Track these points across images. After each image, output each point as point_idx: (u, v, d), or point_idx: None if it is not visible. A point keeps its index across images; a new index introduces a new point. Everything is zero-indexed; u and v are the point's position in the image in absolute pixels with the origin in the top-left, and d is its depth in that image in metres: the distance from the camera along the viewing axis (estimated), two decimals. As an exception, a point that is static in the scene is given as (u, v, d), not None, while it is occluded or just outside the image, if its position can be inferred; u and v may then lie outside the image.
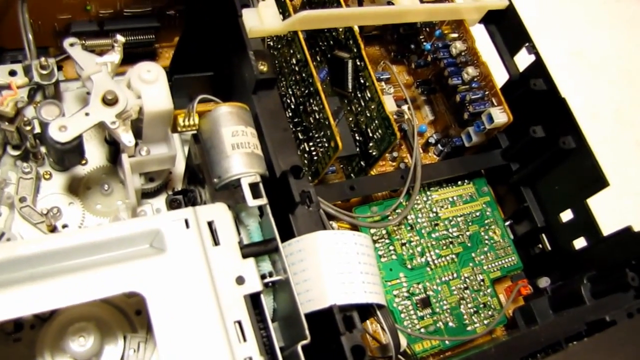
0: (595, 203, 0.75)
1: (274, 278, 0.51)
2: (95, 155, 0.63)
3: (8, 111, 0.56)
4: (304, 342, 0.47)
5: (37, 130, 0.59)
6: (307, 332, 0.47)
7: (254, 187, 0.52)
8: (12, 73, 0.61)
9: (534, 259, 0.82)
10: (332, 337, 0.49)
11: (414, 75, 0.90)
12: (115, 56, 0.56)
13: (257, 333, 0.47)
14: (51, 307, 0.44)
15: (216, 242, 0.49)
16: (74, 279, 0.44)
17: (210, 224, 0.49)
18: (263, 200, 0.51)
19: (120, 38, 0.57)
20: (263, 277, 0.49)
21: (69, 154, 0.54)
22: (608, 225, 0.73)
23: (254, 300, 0.48)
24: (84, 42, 0.59)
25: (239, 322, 0.46)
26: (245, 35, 0.60)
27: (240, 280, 0.48)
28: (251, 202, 0.51)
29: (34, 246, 0.44)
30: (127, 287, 0.45)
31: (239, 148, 0.53)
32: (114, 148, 0.61)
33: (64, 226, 0.60)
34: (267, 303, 0.50)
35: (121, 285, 0.45)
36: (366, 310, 0.54)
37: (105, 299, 0.55)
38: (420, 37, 0.86)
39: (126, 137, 0.53)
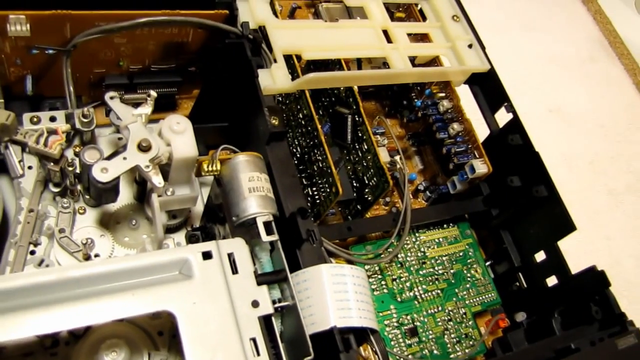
0: (570, 246, 0.80)
1: (284, 303, 0.58)
2: (123, 194, 0.69)
3: (55, 154, 0.63)
4: (309, 358, 0.54)
5: (77, 170, 0.65)
6: (311, 349, 0.54)
7: (267, 225, 0.59)
8: (52, 119, 0.67)
9: (512, 296, 0.87)
10: (331, 356, 0.56)
11: (406, 128, 0.97)
12: (148, 109, 0.64)
13: (269, 350, 0.54)
14: (96, 322, 0.51)
15: (235, 271, 0.55)
16: (115, 299, 0.51)
17: (230, 255, 0.56)
18: (275, 237, 0.59)
19: (153, 94, 0.64)
20: (273, 302, 0.56)
21: (107, 193, 0.61)
22: (582, 267, 0.77)
23: (266, 322, 0.55)
24: (122, 95, 0.67)
25: (254, 340, 0.53)
26: (260, 93, 0.67)
27: (255, 304, 0.55)
28: (265, 238, 0.58)
29: (82, 270, 0.51)
30: (160, 307, 0.52)
31: (254, 191, 0.60)
32: (141, 188, 0.68)
33: (96, 255, 0.65)
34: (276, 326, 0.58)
35: (156, 305, 0.52)
36: (361, 337, 0.61)
37: (132, 321, 0.62)
38: (412, 94, 0.93)
39: (157, 179, 0.61)
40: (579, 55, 1.56)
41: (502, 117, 0.85)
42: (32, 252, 0.64)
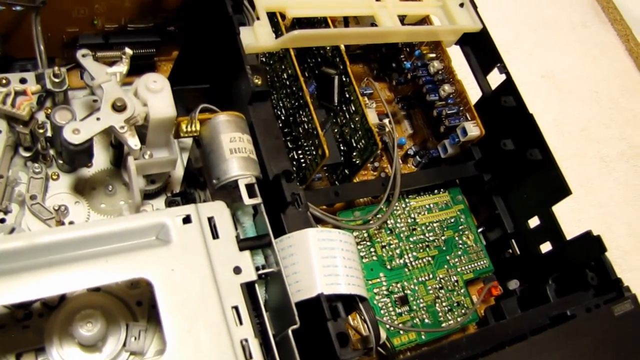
0: (562, 214, 0.79)
1: (267, 270, 0.55)
2: (99, 159, 0.67)
3: (24, 115, 0.60)
4: (294, 326, 0.52)
5: (48, 133, 0.63)
6: (297, 318, 0.52)
7: (249, 187, 0.56)
8: (23, 81, 0.63)
9: (504, 263, 0.86)
10: (319, 325, 0.53)
11: (395, 91, 0.95)
12: (123, 67, 0.61)
13: (252, 319, 0.52)
14: (66, 291, 0.48)
15: (216, 236, 0.52)
16: (89, 266, 0.48)
17: (210, 219, 0.53)
18: (258, 200, 0.56)
19: (128, 51, 0.61)
20: (257, 269, 0.53)
21: (80, 155, 0.58)
22: (574, 234, 0.76)
23: (249, 289, 0.52)
24: (94, 53, 0.64)
25: (236, 308, 0.50)
26: (242, 51, 0.64)
27: (237, 270, 0.52)
28: (247, 201, 0.55)
29: (51, 236, 0.48)
30: (136, 274, 0.49)
31: (236, 152, 0.57)
32: (117, 152, 0.65)
33: (71, 223, 0.63)
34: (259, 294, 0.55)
35: (131, 272, 0.49)
36: (349, 305, 0.59)
37: (109, 291, 0.59)
38: (401, 56, 0.90)
39: (132, 141, 0.58)
40: (571, 20, 1.53)
41: (495, 79, 0.83)
42: (2, 221, 0.62)
